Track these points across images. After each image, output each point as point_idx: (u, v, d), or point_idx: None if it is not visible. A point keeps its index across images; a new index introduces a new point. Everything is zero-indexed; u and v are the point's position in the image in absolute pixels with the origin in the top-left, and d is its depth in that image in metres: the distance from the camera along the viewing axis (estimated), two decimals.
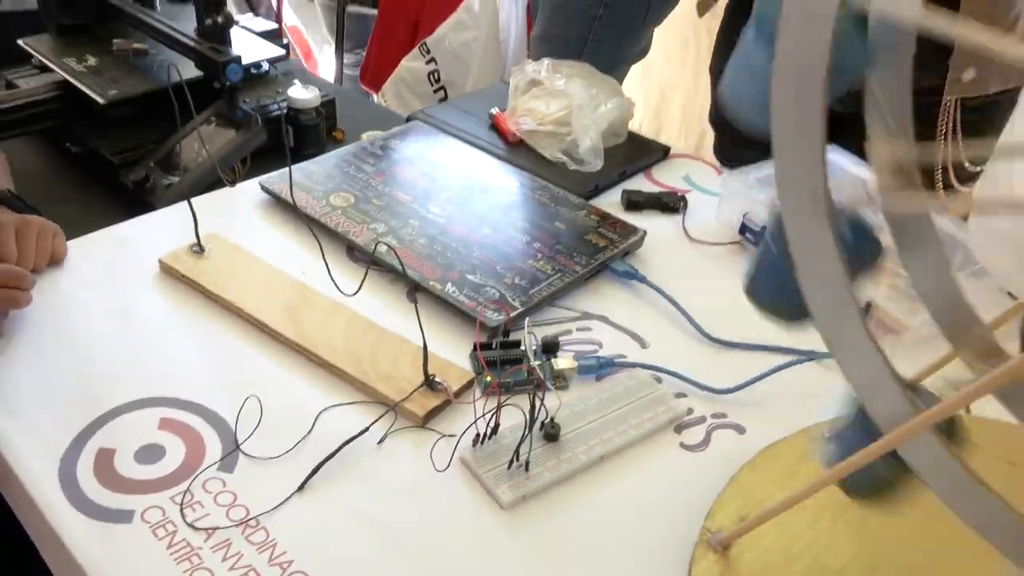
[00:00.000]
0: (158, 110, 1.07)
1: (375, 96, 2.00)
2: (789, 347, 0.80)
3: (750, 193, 0.95)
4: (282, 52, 1.24)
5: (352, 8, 2.10)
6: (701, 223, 1.01)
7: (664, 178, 1.12)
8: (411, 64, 1.91)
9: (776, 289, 0.47)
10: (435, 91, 1.90)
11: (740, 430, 0.73)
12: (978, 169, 1.16)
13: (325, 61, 2.41)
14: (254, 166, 1.07)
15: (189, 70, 1.14)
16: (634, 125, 1.17)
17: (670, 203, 1.03)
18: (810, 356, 0.79)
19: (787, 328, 0.50)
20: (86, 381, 0.73)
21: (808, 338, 0.71)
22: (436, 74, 1.89)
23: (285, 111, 1.16)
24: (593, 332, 0.84)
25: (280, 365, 0.76)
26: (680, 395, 0.76)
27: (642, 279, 0.89)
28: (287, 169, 0.94)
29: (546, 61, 1.14)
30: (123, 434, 0.68)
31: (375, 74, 2.01)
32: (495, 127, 1.15)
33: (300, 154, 1.15)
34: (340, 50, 2.15)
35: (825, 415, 0.52)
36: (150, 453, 0.67)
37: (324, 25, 2.30)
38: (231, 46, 1.13)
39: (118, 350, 0.77)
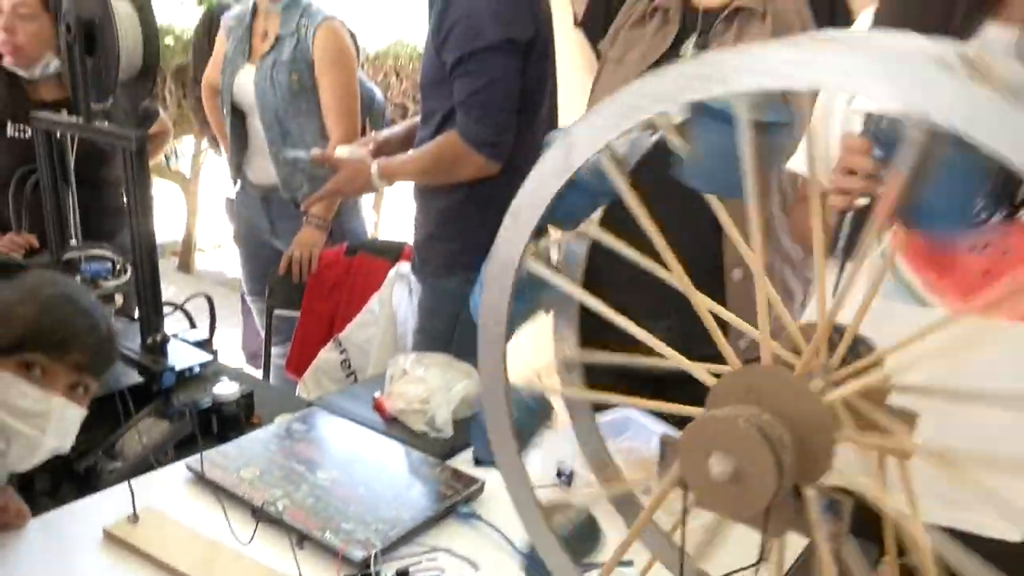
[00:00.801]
0: (107, 408, 1.26)
1: (298, 382, 2.21)
2: None
3: (563, 445, 1.16)
4: (210, 358, 1.46)
5: (279, 311, 2.36)
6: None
7: None
8: (327, 355, 2.14)
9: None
10: (346, 376, 2.12)
11: None
12: None
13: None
14: (186, 448, 1.25)
15: (135, 375, 1.34)
16: None
17: None
18: None
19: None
20: None
21: None
22: (347, 362, 2.12)
23: (209, 405, 1.35)
24: (439, 561, 1.02)
25: None
26: None
27: (479, 518, 1.08)
28: (205, 453, 1.13)
29: (413, 354, 1.38)
30: None
31: (298, 364, 2.24)
32: (376, 408, 1.36)
33: (223, 437, 1.33)
34: (268, 346, 2.38)
35: None
36: None
37: (258, 324, 2.54)
38: (167, 357, 1.35)
39: None
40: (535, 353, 1.14)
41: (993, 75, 0.56)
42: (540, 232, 0.66)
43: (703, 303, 0.61)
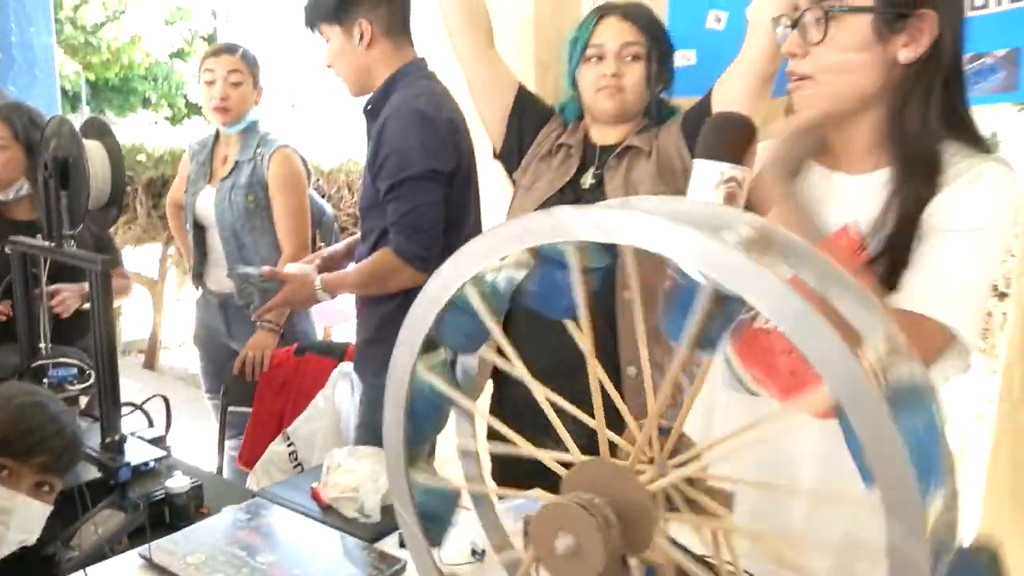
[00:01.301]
0: (67, 501, 1.33)
1: (250, 473, 2.26)
2: None
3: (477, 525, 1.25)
4: (164, 454, 1.53)
5: (233, 408, 2.43)
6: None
7: None
8: (276, 448, 2.21)
9: None
10: (294, 467, 2.19)
11: None
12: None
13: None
14: (140, 537, 1.32)
15: (94, 471, 1.41)
16: None
17: None
18: None
19: None
20: None
21: None
22: (295, 455, 2.19)
23: (161, 497, 1.42)
24: None
25: None
26: None
27: None
28: (156, 542, 1.21)
29: (347, 448, 1.48)
30: None
31: (249, 456, 2.30)
32: (314, 497, 1.44)
33: (174, 526, 1.40)
34: (222, 440, 2.44)
35: None
36: None
37: (214, 418, 2.61)
38: (124, 454, 1.42)
39: None
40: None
41: (775, 244, 0.70)
42: (432, 348, 0.77)
43: (542, 392, 0.72)
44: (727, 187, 1.03)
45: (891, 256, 1.12)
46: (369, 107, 1.95)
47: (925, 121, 1.11)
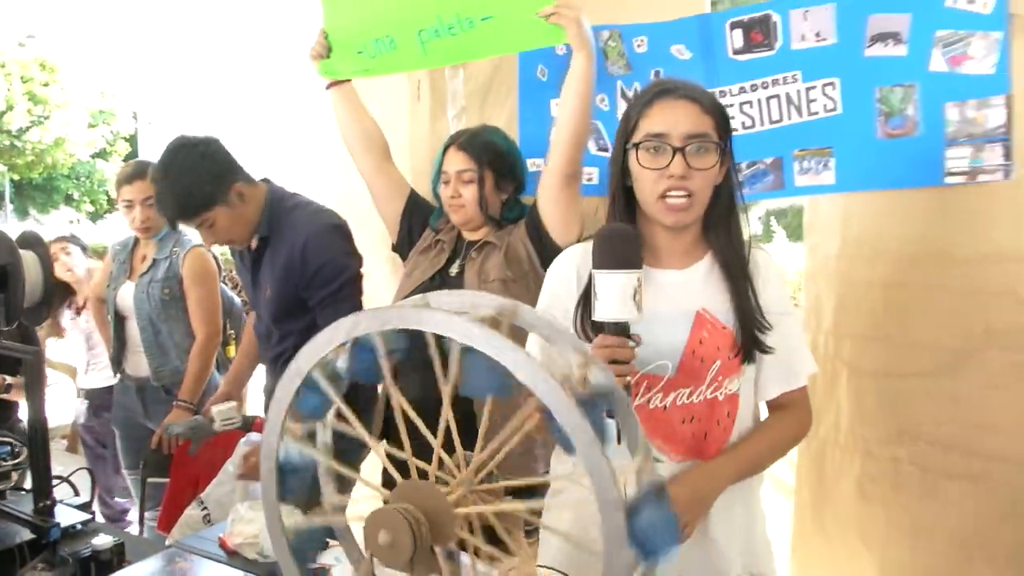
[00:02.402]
0: (5, 560, 1.45)
1: (167, 537, 2.36)
2: None
3: None
4: (89, 516, 1.66)
5: (152, 480, 2.53)
6: None
7: None
8: (191, 512, 2.32)
9: None
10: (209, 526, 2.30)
11: None
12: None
13: None
14: None
15: (27, 533, 1.53)
16: None
17: None
18: None
19: None
20: None
21: None
22: (208, 517, 2.30)
23: (88, 554, 1.55)
24: None
25: None
26: None
27: None
28: None
29: (248, 502, 1.64)
30: None
31: (167, 522, 2.40)
32: (221, 544, 1.59)
33: None
34: (142, 510, 2.54)
35: None
36: None
37: (133, 493, 2.70)
38: (54, 517, 1.55)
39: None
40: None
41: (506, 317, 0.94)
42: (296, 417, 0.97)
43: (369, 438, 0.93)
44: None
45: (748, 327, 1.40)
46: (265, 236, 2.11)
47: (735, 224, 1.43)
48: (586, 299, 1.41)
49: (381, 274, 2.49)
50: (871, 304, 2.01)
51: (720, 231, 1.43)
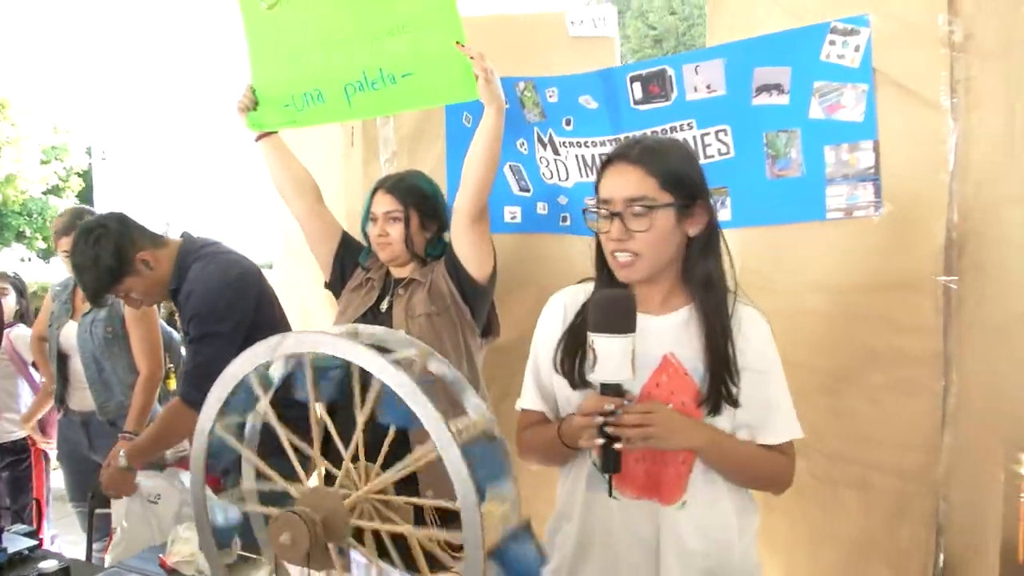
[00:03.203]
0: None
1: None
2: None
3: None
4: (36, 543, 1.79)
5: (99, 511, 2.64)
6: None
7: None
8: None
9: None
10: None
11: None
12: None
13: None
14: None
15: None
16: None
17: None
18: None
19: None
20: None
21: None
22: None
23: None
24: None
25: None
26: None
27: None
28: None
29: (185, 523, 1.78)
30: None
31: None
32: (161, 564, 1.74)
33: None
34: (90, 542, 2.64)
35: None
36: None
37: (80, 526, 2.81)
38: (2, 542, 1.68)
39: None
40: None
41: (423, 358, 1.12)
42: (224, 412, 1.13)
43: (286, 435, 1.10)
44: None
45: (717, 377, 1.43)
46: (175, 288, 2.25)
47: (713, 275, 1.48)
48: (568, 340, 1.52)
49: (324, 310, 2.64)
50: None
51: (696, 282, 1.48)
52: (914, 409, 2.01)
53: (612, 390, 1.31)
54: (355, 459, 1.13)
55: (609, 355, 1.27)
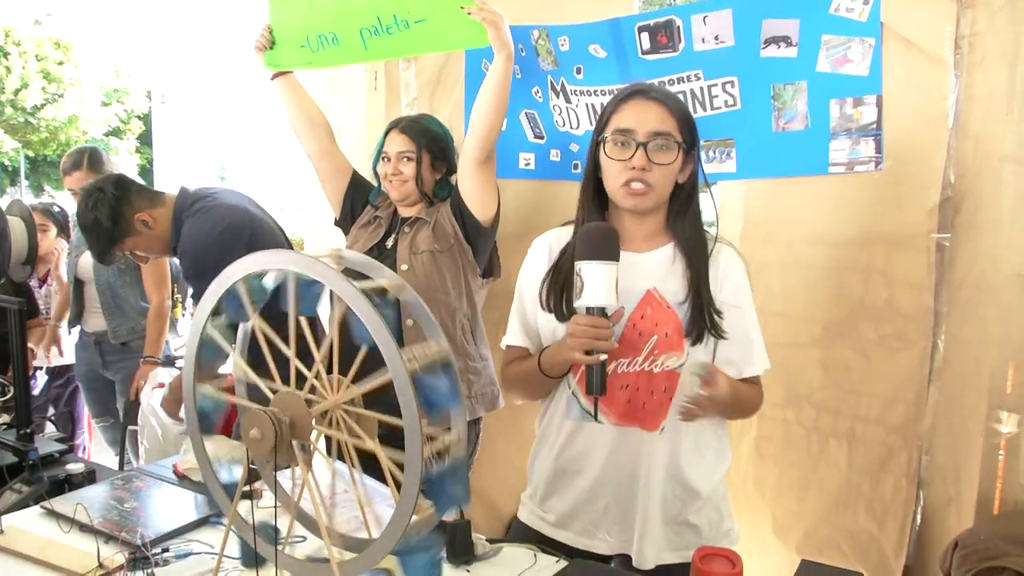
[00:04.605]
0: None
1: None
2: None
3: None
4: (66, 447, 1.99)
5: (131, 427, 2.87)
6: None
7: None
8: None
9: None
10: None
11: None
12: None
13: None
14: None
15: (10, 456, 1.86)
16: None
17: None
18: None
19: None
20: None
21: None
22: None
23: (63, 476, 1.87)
24: (190, 547, 1.56)
25: None
26: None
27: (223, 524, 1.64)
28: (52, 499, 1.67)
29: None
30: None
31: None
32: (174, 470, 1.91)
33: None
34: (122, 457, 2.88)
35: None
36: None
37: (104, 440, 3.10)
38: (34, 442, 1.88)
39: None
40: None
41: (399, 290, 1.24)
42: (216, 313, 1.27)
43: (264, 338, 1.24)
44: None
45: (699, 309, 1.54)
46: (175, 245, 2.36)
47: (695, 217, 1.61)
48: (555, 276, 1.62)
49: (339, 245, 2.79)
50: (767, 280, 2.28)
51: (681, 221, 1.59)
52: (903, 364, 2.08)
53: (597, 313, 1.41)
54: (330, 371, 1.26)
55: (596, 280, 1.38)
